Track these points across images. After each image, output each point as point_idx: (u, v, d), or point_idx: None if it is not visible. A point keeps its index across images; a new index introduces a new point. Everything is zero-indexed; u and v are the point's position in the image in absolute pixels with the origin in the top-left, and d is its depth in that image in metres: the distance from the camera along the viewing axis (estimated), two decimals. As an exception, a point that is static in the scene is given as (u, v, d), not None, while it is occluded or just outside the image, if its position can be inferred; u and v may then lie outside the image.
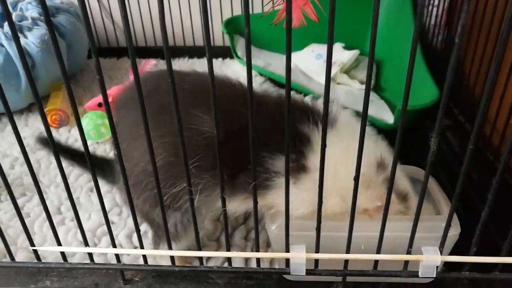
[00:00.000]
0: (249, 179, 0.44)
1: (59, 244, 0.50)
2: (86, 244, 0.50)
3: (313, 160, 0.50)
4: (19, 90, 1.04)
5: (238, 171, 0.49)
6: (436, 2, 1.07)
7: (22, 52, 0.41)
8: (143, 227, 0.69)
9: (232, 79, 0.56)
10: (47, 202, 0.75)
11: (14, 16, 1.10)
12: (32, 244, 0.50)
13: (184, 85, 0.52)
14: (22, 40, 1.03)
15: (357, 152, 0.40)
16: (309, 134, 0.51)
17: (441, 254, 0.46)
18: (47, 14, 0.38)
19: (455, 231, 0.49)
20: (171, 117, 0.41)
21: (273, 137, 0.49)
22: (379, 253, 0.47)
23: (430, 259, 0.46)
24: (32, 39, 1.05)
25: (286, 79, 0.37)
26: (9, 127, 1.03)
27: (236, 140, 0.46)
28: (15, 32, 0.39)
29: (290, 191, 0.43)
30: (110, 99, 0.44)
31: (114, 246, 0.49)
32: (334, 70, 1.12)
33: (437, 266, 0.47)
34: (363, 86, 1.13)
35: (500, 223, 0.60)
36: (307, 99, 1.08)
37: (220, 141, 0.40)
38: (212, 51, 0.38)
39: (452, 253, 0.51)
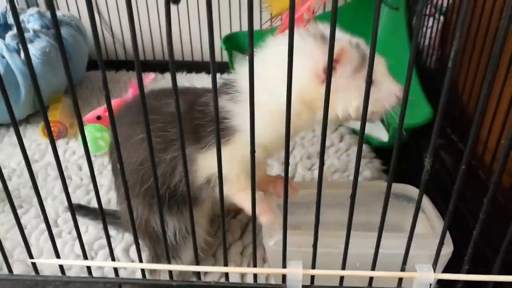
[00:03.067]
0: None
1: (58, 256, 0.51)
2: (85, 257, 0.50)
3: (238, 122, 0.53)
4: (18, 102, 1.05)
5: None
6: (430, 24, 1.10)
7: (30, 61, 0.41)
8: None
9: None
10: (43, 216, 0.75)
11: (15, 28, 1.11)
12: (31, 257, 0.51)
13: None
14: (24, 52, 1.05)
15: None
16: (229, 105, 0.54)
17: (434, 272, 0.47)
18: (57, 23, 0.39)
19: (448, 249, 0.50)
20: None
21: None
22: (374, 270, 0.48)
23: (423, 277, 0.47)
24: (33, 51, 1.06)
25: (287, 92, 0.38)
26: (6, 139, 1.03)
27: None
28: (24, 41, 0.40)
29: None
30: (107, 112, 0.46)
31: (113, 259, 0.50)
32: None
33: (430, 284, 0.48)
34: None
35: (492, 241, 0.61)
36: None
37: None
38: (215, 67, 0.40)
39: (445, 270, 0.52)
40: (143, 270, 0.51)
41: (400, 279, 0.49)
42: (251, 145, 0.43)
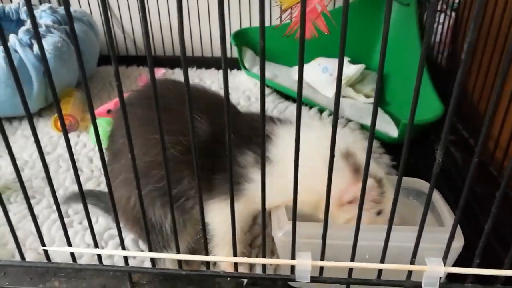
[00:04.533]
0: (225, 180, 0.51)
1: (70, 245, 0.51)
2: (96, 245, 0.51)
3: (274, 153, 0.55)
4: (30, 96, 1.06)
5: (215, 172, 0.55)
6: (441, 20, 1.09)
7: (44, 56, 0.42)
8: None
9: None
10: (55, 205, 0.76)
11: (28, 24, 1.13)
12: (43, 245, 0.51)
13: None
14: (35, 47, 1.06)
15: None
16: (269, 131, 0.56)
17: (444, 265, 0.47)
18: (71, 19, 0.40)
19: (458, 243, 0.50)
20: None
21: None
22: (383, 263, 0.48)
23: (433, 270, 0.47)
24: (46, 46, 1.07)
25: (298, 88, 0.38)
26: (19, 131, 1.05)
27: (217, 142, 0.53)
28: (39, 37, 0.41)
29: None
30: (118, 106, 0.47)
31: (123, 248, 0.51)
32: (340, 83, 1.14)
33: (440, 277, 0.48)
34: (368, 100, 1.15)
35: (502, 236, 0.60)
36: (312, 112, 1.09)
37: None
38: (227, 62, 0.40)
39: (455, 265, 0.52)
40: (152, 259, 0.52)
41: (410, 272, 0.49)
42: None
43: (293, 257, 0.49)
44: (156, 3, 1.37)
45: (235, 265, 0.50)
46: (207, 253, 0.50)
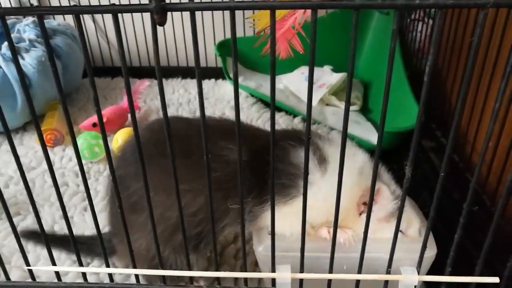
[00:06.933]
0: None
1: (54, 263, 0.52)
2: (80, 263, 0.52)
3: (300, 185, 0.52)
4: (15, 110, 1.07)
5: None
6: (419, 28, 1.12)
7: (20, 70, 0.42)
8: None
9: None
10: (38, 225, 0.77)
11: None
12: (28, 264, 0.52)
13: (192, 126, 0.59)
14: (19, 61, 1.06)
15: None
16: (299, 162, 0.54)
17: (418, 274, 0.49)
18: (46, 36, 0.40)
19: (431, 252, 0.52)
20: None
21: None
22: (360, 273, 0.50)
23: (408, 279, 0.49)
24: (29, 61, 1.07)
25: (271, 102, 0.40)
26: (4, 146, 1.05)
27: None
28: (15, 52, 0.41)
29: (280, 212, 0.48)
30: (104, 119, 0.47)
31: (108, 265, 0.51)
32: (322, 92, 1.16)
33: (415, 286, 0.50)
34: (351, 108, 1.17)
35: (478, 242, 0.62)
36: (296, 121, 1.11)
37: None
38: (201, 72, 0.40)
39: (431, 272, 0.53)
40: (137, 276, 0.53)
41: (386, 282, 0.50)
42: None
43: (273, 270, 0.50)
44: (140, 13, 1.38)
45: (218, 279, 0.52)
46: (190, 268, 0.51)
